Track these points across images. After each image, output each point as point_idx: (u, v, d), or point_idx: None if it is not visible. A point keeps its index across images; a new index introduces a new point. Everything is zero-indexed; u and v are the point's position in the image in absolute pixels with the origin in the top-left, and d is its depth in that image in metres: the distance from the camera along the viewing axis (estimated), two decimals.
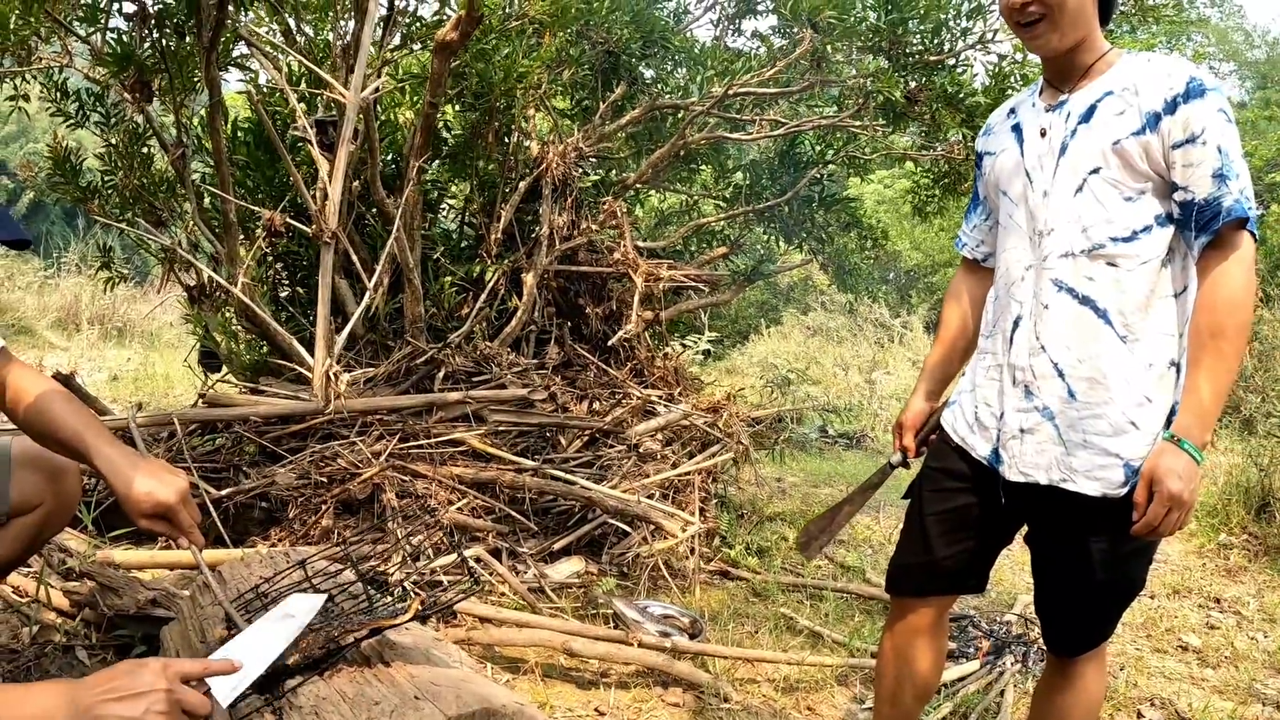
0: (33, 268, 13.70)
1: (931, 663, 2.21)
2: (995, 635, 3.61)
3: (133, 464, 1.72)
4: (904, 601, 2.23)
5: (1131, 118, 1.84)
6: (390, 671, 1.50)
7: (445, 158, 5.44)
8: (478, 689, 1.47)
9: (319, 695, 1.43)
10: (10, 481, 1.93)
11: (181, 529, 1.72)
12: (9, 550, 1.96)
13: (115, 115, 5.00)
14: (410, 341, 4.49)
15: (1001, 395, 2.01)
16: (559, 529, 4.05)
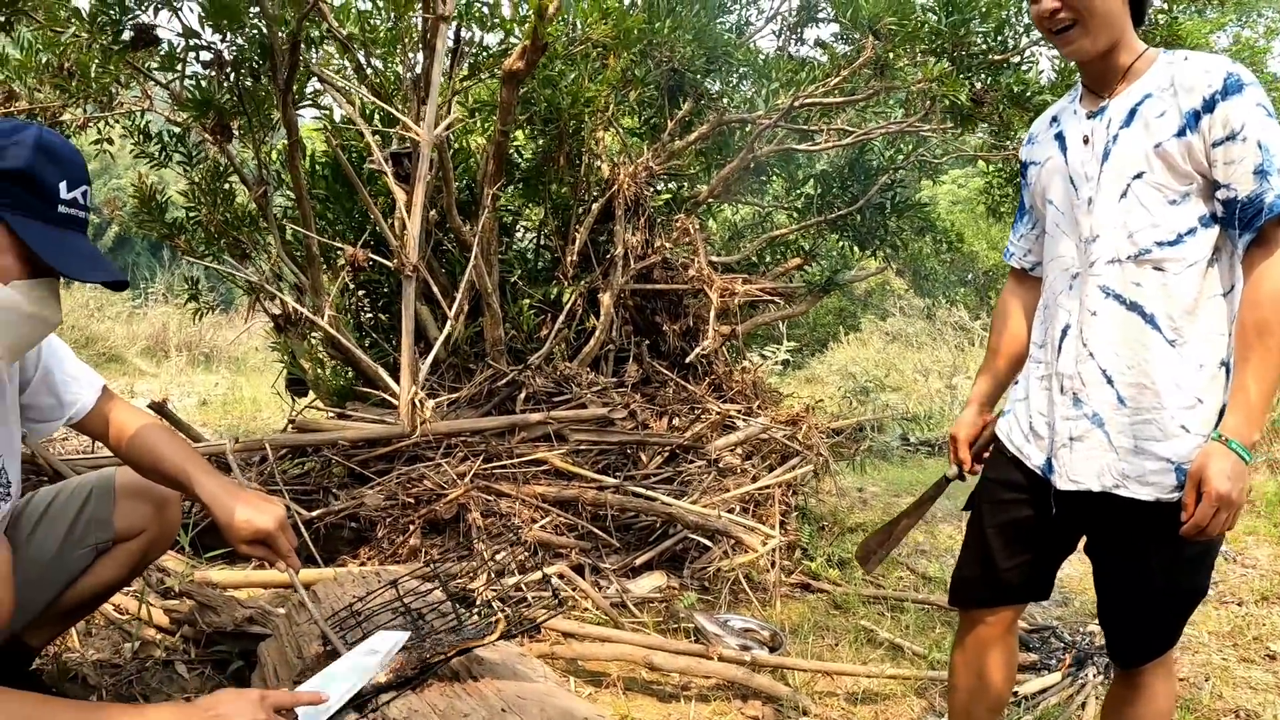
0: (121, 298, 14.21)
1: (1002, 674, 2.20)
2: (1077, 646, 3.53)
3: (233, 495, 1.86)
4: (970, 614, 2.23)
5: (1172, 119, 1.82)
6: (478, 686, 1.57)
7: (518, 182, 5.55)
8: (560, 702, 1.52)
9: (411, 708, 1.50)
10: (115, 510, 2.05)
11: (280, 553, 1.86)
12: (114, 573, 2.09)
13: (197, 154, 5.21)
14: (491, 364, 4.60)
15: (1052, 403, 2.00)
16: (640, 545, 4.09)
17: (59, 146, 1.58)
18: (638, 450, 4.40)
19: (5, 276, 1.52)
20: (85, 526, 2.02)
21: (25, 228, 1.52)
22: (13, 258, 1.52)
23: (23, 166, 1.51)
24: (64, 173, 1.57)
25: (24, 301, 1.54)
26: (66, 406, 1.96)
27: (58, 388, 1.95)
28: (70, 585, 2.03)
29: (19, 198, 1.52)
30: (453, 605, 1.80)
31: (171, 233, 5.25)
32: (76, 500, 2.03)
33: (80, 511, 2.02)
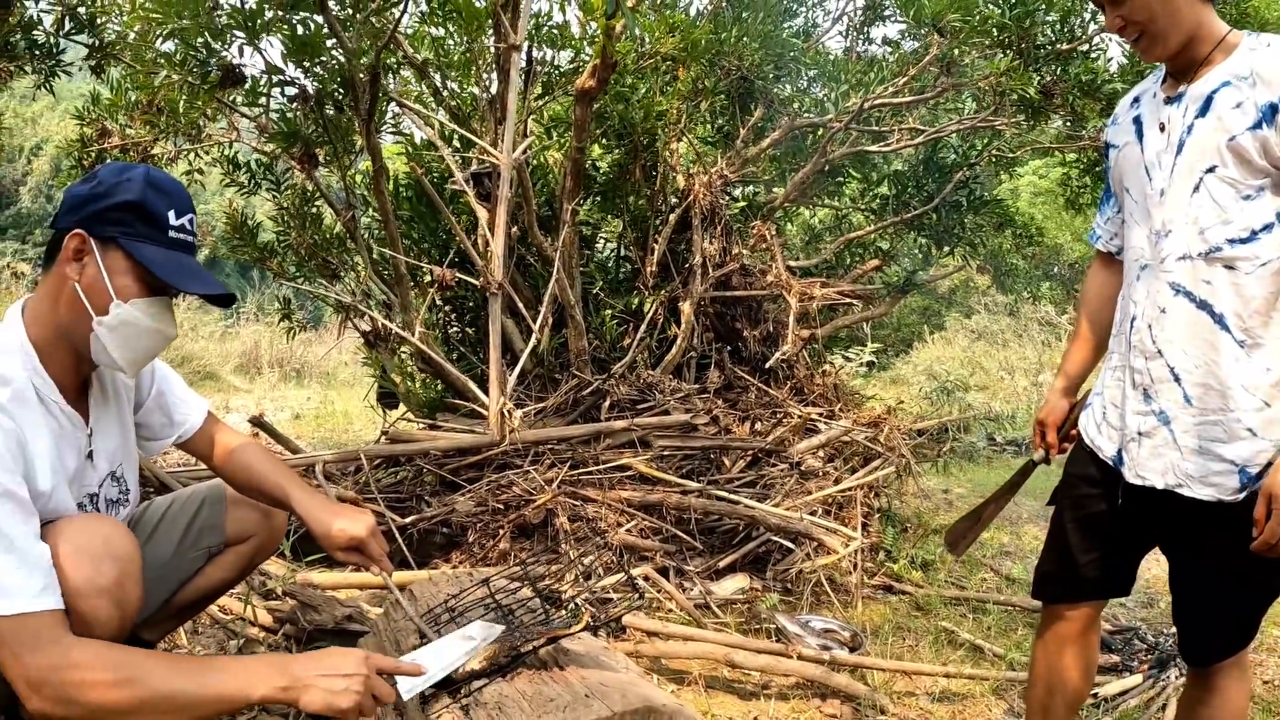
0: (214, 318, 14.75)
1: (1081, 671, 2.19)
2: (1159, 648, 3.46)
3: (327, 507, 2.06)
4: (1052, 609, 2.21)
5: (1248, 111, 1.77)
6: (564, 674, 1.68)
7: (596, 195, 5.67)
8: (641, 690, 1.62)
9: (502, 694, 1.62)
10: (227, 516, 2.22)
11: (372, 557, 2.04)
12: (224, 574, 2.25)
13: (284, 181, 5.43)
14: (576, 374, 4.73)
15: (1125, 397, 1.99)
16: (724, 547, 4.17)
17: (165, 181, 1.78)
18: (720, 455, 4.48)
19: (125, 295, 1.71)
20: (199, 531, 2.19)
21: (141, 251, 1.70)
22: (131, 279, 1.71)
23: (135, 198, 1.71)
24: (171, 203, 1.75)
25: (144, 317, 1.73)
26: (176, 425, 2.14)
27: (169, 408, 2.13)
28: (184, 585, 2.20)
29: (133, 226, 1.71)
30: (541, 601, 1.92)
31: (263, 255, 5.48)
32: (190, 507, 2.20)
33: (194, 517, 2.19)
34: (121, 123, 4.99)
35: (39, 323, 1.74)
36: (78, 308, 1.70)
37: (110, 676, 1.47)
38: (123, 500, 1.97)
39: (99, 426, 1.88)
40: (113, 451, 1.92)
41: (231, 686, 1.53)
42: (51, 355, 1.74)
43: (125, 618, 1.69)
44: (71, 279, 1.70)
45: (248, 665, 1.59)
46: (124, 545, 1.71)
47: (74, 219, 1.71)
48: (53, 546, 1.61)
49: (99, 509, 1.88)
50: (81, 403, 1.84)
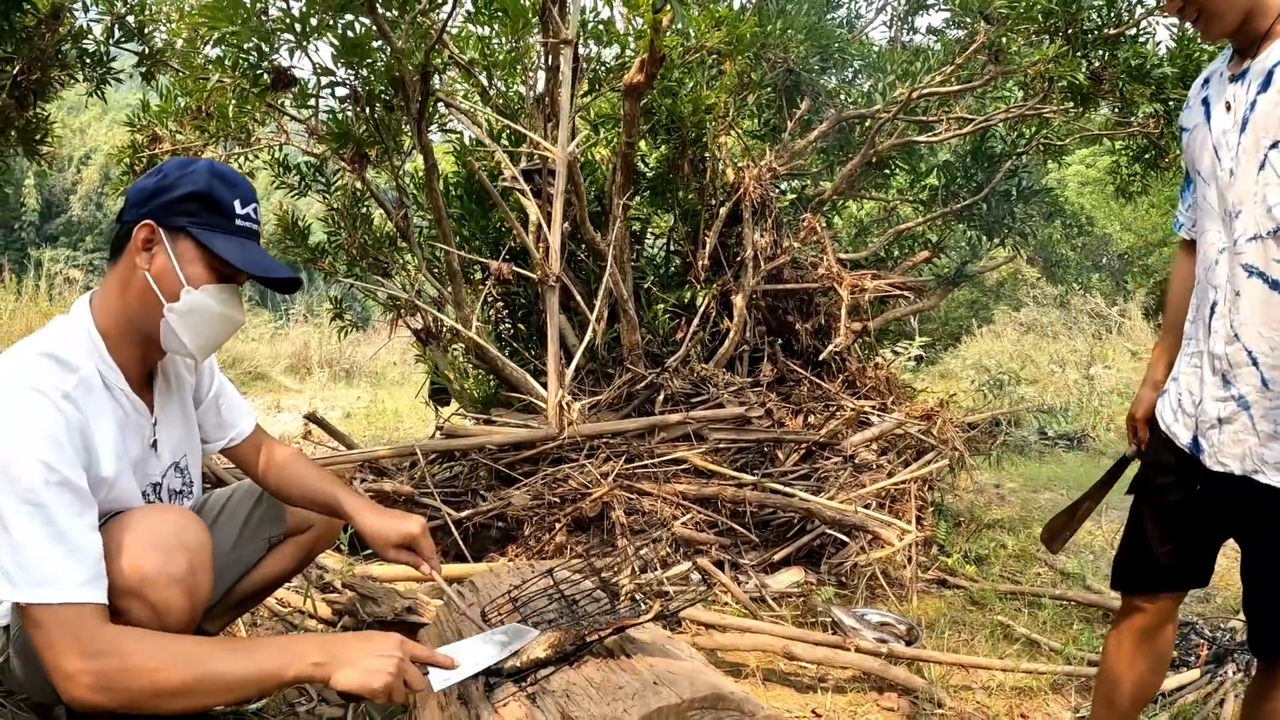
0: (264, 320, 15.05)
1: (1149, 665, 2.17)
2: (1217, 642, 3.38)
3: (376, 510, 2.10)
4: (1129, 600, 2.19)
5: None
6: (632, 662, 1.69)
7: (645, 190, 5.68)
8: (709, 678, 1.63)
9: (569, 681, 1.63)
10: (288, 508, 2.27)
11: (423, 556, 2.07)
12: (283, 565, 2.31)
13: (334, 182, 5.48)
14: (630, 368, 4.75)
15: (1202, 383, 1.95)
16: (778, 541, 4.17)
17: (229, 172, 1.83)
18: (774, 448, 4.48)
19: (195, 282, 1.76)
20: (259, 521, 2.24)
21: (210, 239, 1.75)
22: (201, 266, 1.76)
23: (202, 189, 1.76)
24: (236, 193, 1.80)
25: (212, 303, 1.77)
26: (228, 429, 2.18)
27: (224, 411, 2.17)
28: (244, 576, 2.25)
29: (201, 215, 1.76)
30: (606, 591, 1.93)
31: (314, 256, 5.55)
32: (251, 498, 2.25)
33: (254, 508, 2.24)
34: (172, 129, 5.07)
35: (107, 312, 1.78)
36: (148, 296, 1.75)
37: (143, 662, 1.51)
38: (186, 492, 2.02)
39: (163, 416, 1.93)
40: (176, 442, 1.97)
41: (267, 665, 1.56)
42: (119, 344, 1.79)
43: (196, 607, 1.73)
44: (142, 268, 1.74)
45: (283, 644, 1.62)
46: (196, 535, 1.75)
47: (141, 211, 1.75)
48: (124, 536, 1.65)
49: (162, 499, 1.93)
50: (147, 392, 1.89)
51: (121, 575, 1.62)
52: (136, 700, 1.51)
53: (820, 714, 2.84)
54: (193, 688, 1.52)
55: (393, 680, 1.56)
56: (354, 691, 1.56)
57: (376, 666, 1.56)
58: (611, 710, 1.50)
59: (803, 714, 2.85)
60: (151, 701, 1.51)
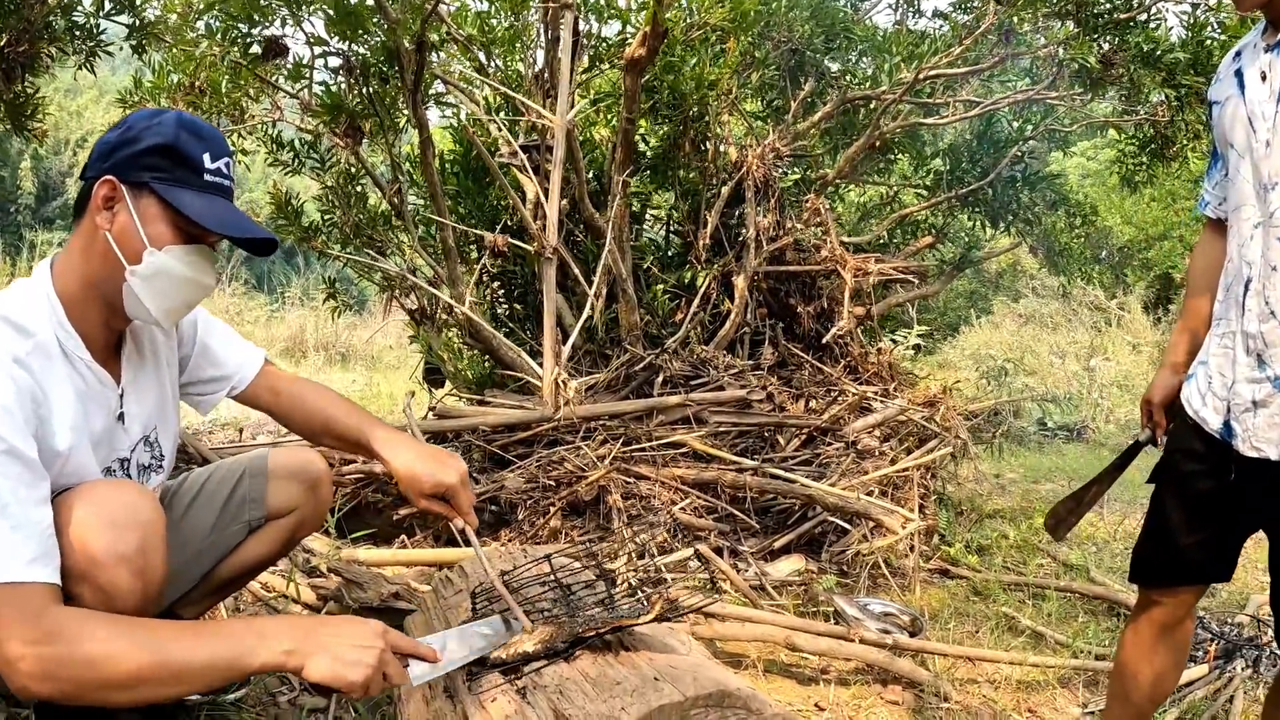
0: (260, 303, 14.90)
1: (1169, 660, 2.10)
2: (1225, 638, 3.31)
3: (414, 449, 1.91)
4: (1148, 593, 2.11)
5: None
6: (631, 656, 1.57)
7: (645, 170, 5.58)
8: (712, 673, 1.52)
9: (563, 676, 1.51)
10: (268, 489, 2.11)
11: (460, 509, 1.89)
12: (265, 549, 2.15)
13: (329, 159, 5.37)
14: (628, 349, 4.63)
15: (1234, 364, 1.86)
16: (779, 528, 4.06)
17: (199, 124, 1.68)
18: (775, 432, 4.37)
19: (159, 243, 1.62)
20: (239, 504, 2.09)
21: (175, 195, 1.61)
22: (165, 225, 1.62)
23: (168, 141, 1.62)
24: (206, 145, 1.66)
25: (177, 265, 1.63)
26: (228, 377, 2.03)
27: (219, 359, 2.02)
28: (223, 560, 2.11)
29: (167, 170, 1.62)
30: (605, 582, 1.82)
31: (308, 235, 5.44)
32: (231, 479, 2.11)
33: (234, 489, 2.09)
34: (164, 105, 4.96)
35: (67, 276, 1.66)
36: (109, 258, 1.62)
37: (92, 648, 1.35)
38: (156, 466, 1.88)
39: (132, 388, 1.80)
40: (147, 415, 1.84)
41: (230, 652, 1.40)
42: (80, 310, 1.66)
43: (148, 588, 1.58)
44: (102, 228, 1.61)
45: (251, 628, 1.46)
46: (146, 511, 1.61)
47: (103, 166, 1.62)
48: (70, 512, 1.52)
49: (130, 475, 1.80)
50: (113, 362, 1.76)
51: (67, 556, 1.48)
52: (84, 690, 1.35)
53: (824, 708, 2.75)
54: (146, 676, 1.36)
55: (371, 674, 1.42)
56: (328, 684, 1.42)
57: (354, 658, 1.42)
58: (608, 708, 1.39)
59: (805, 707, 2.76)
60: (100, 693, 1.36)
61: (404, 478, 1.87)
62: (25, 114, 4.94)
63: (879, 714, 2.76)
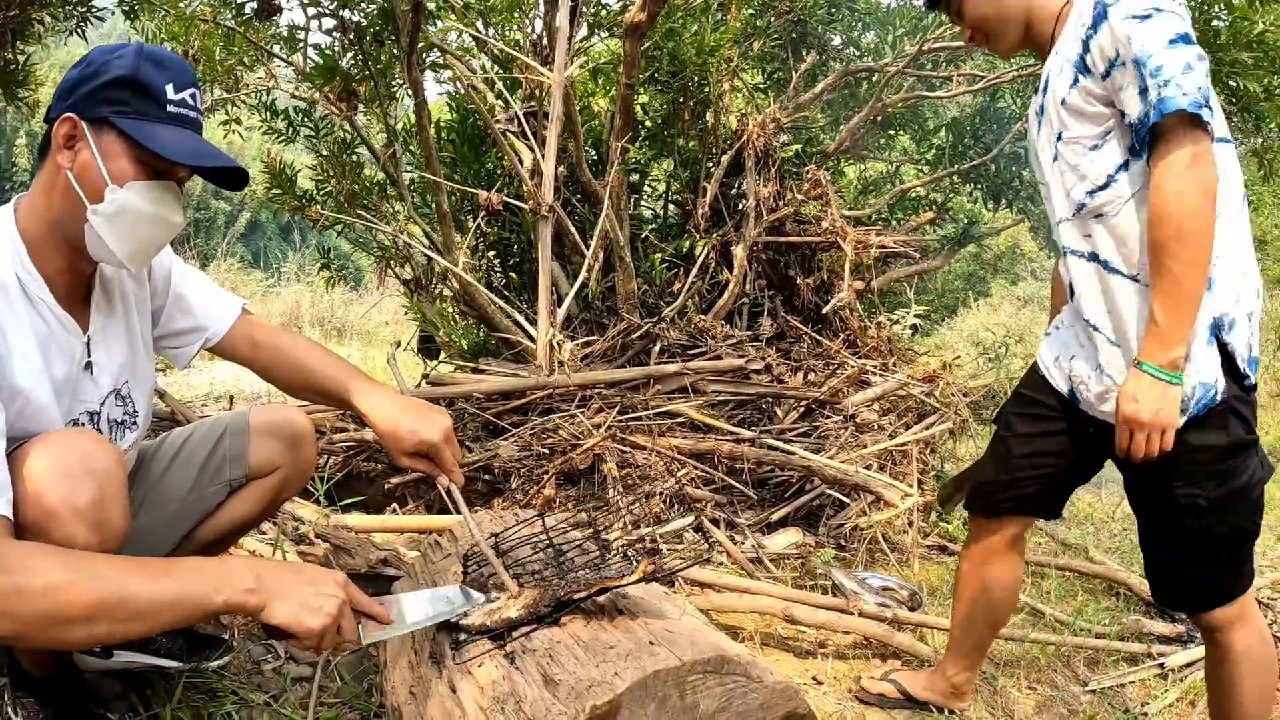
0: (255, 279, 14.81)
1: (1010, 586, 2.33)
2: None
3: (396, 402, 1.80)
4: (984, 522, 2.29)
5: (1067, 72, 1.86)
6: (625, 620, 1.50)
7: (645, 139, 5.50)
8: (711, 638, 1.46)
9: (553, 640, 1.45)
10: (249, 447, 2.02)
11: (444, 466, 1.78)
12: (247, 510, 2.06)
13: (323, 128, 5.29)
14: (625, 317, 4.55)
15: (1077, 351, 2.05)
16: (776, 500, 4.00)
17: (162, 54, 1.60)
18: (774, 404, 4.30)
19: (121, 179, 1.54)
20: (219, 463, 2.01)
21: (136, 128, 1.53)
22: (127, 160, 1.55)
23: (127, 73, 1.54)
24: (169, 76, 1.58)
25: (141, 202, 1.55)
26: (204, 328, 1.94)
27: (193, 309, 1.93)
28: (203, 522, 2.03)
29: (128, 103, 1.54)
30: (597, 544, 1.74)
31: (302, 204, 5.35)
32: (211, 437, 2.02)
33: (215, 448, 2.01)
34: None
35: (31, 217, 1.59)
36: (71, 197, 1.54)
37: (42, 580, 1.25)
38: (129, 423, 1.81)
39: (101, 337, 1.72)
40: (117, 367, 1.76)
41: (192, 589, 1.32)
42: (44, 253, 1.59)
43: (106, 543, 1.49)
44: (64, 168, 1.54)
45: (212, 566, 1.38)
46: (104, 461, 1.52)
47: (64, 105, 1.55)
48: (24, 463, 1.44)
49: (100, 430, 1.72)
50: (80, 309, 1.68)
51: (19, 508, 1.41)
52: (30, 627, 1.25)
53: (822, 682, 2.69)
54: (99, 611, 1.26)
55: (330, 623, 1.37)
56: (285, 628, 1.36)
57: (316, 604, 1.37)
58: (600, 673, 1.32)
59: (803, 681, 2.70)
60: (54, 629, 1.26)
61: (385, 433, 1.77)
62: (16, 81, 4.85)
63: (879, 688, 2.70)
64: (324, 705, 2.13)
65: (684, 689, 1.34)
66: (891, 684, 2.55)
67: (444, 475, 1.78)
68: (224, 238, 18.98)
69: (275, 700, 2.12)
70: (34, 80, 4.99)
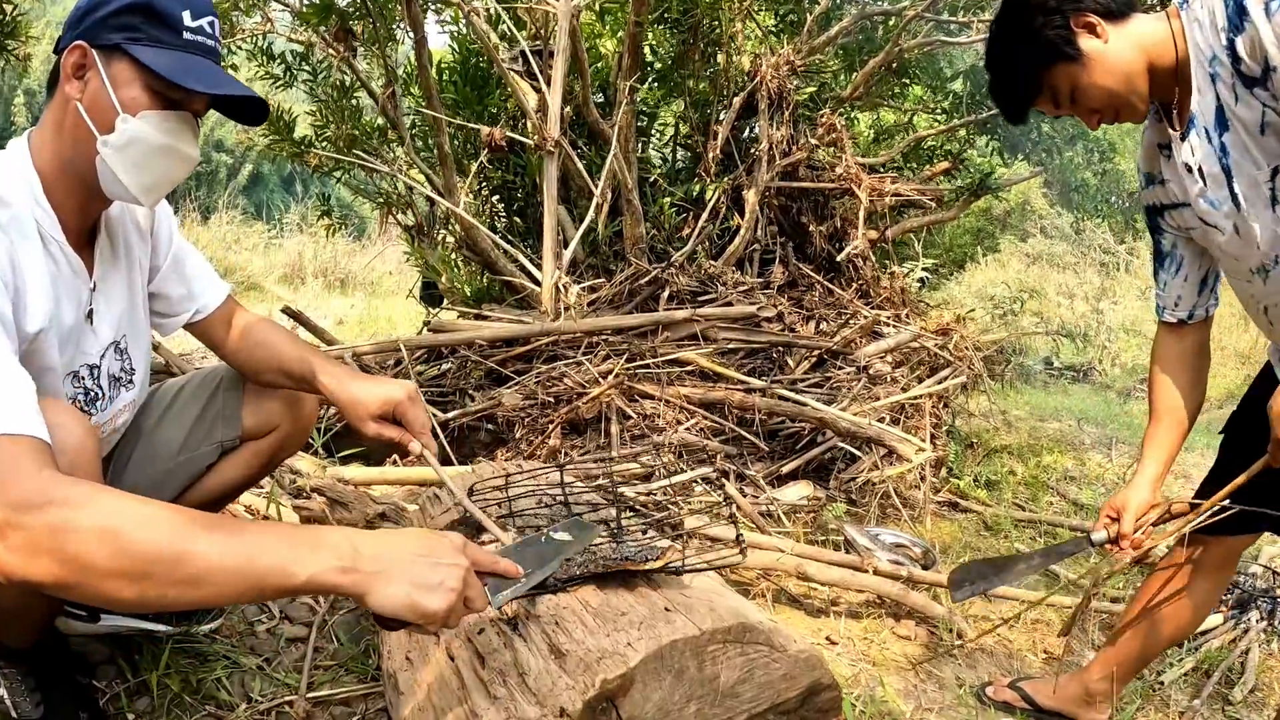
0: (257, 231, 14.71)
1: (1198, 603, 2.08)
2: (1240, 588, 3.19)
3: (356, 376, 1.75)
4: (1199, 536, 2.00)
5: (1239, 93, 1.53)
6: (637, 582, 1.40)
7: (654, 79, 5.32)
8: (731, 603, 1.35)
9: (559, 605, 1.33)
10: (244, 406, 1.90)
11: (413, 429, 1.69)
12: (240, 474, 1.95)
13: (321, 72, 5.16)
14: (633, 262, 4.40)
15: None
16: (786, 453, 3.89)
17: None
18: (785, 354, 4.17)
19: (132, 108, 1.43)
20: (212, 421, 1.88)
21: (149, 55, 1.42)
22: (139, 89, 1.43)
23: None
24: (187, 2, 1.46)
25: (154, 133, 1.44)
26: (195, 298, 1.83)
27: (189, 277, 1.82)
28: (193, 485, 1.90)
29: (141, 29, 1.43)
30: (615, 506, 1.62)
31: (301, 150, 5.20)
32: (204, 392, 1.90)
33: (208, 405, 1.89)
34: None
35: (43, 153, 1.47)
36: (81, 129, 1.43)
37: (102, 520, 1.03)
38: (126, 380, 1.69)
39: (104, 285, 1.60)
40: (118, 318, 1.64)
41: (271, 559, 1.06)
42: (56, 189, 1.47)
43: None
44: (73, 98, 1.43)
45: (301, 535, 1.11)
46: (75, 436, 1.35)
47: (74, 33, 1.43)
48: None
49: (100, 386, 1.60)
50: (87, 253, 1.57)
51: None
52: (83, 573, 1.02)
53: (835, 641, 2.60)
54: (160, 567, 1.02)
55: (455, 600, 1.11)
56: (400, 616, 1.10)
57: (435, 580, 1.10)
58: (612, 643, 1.21)
59: (816, 640, 2.61)
60: (101, 581, 1.02)
61: (346, 403, 1.70)
62: (5, 33, 4.70)
63: (891, 648, 2.62)
64: (319, 668, 2.03)
65: (703, 659, 1.23)
66: (1016, 691, 2.35)
67: (415, 440, 1.69)
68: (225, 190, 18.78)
69: (269, 664, 2.02)
70: (23, 31, 4.84)
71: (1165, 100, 1.67)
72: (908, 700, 2.33)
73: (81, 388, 1.58)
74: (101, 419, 1.64)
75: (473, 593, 1.14)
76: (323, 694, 1.92)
